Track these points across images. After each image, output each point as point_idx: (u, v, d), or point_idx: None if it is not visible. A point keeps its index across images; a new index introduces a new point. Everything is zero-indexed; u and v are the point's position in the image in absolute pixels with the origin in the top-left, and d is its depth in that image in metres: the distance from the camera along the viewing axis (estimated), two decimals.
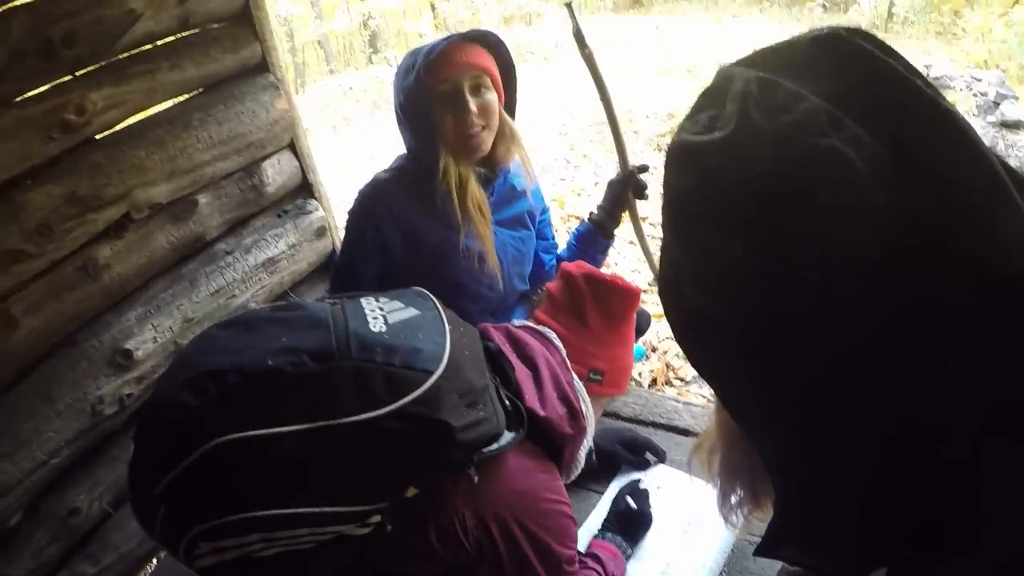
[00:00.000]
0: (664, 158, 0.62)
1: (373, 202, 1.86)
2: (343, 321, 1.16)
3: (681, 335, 0.66)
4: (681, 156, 0.59)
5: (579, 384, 1.48)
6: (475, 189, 1.86)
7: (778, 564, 1.66)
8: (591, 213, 2.14)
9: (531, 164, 2.03)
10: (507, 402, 1.32)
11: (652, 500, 1.85)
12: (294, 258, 2.29)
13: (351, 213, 1.90)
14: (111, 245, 1.79)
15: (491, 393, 1.27)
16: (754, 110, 0.53)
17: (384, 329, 1.17)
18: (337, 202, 2.56)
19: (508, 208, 2.04)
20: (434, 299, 1.31)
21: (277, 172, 2.25)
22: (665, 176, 0.62)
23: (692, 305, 0.62)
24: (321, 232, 2.39)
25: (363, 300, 1.25)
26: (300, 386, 1.08)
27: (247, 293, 2.14)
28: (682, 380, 2.90)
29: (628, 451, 2.03)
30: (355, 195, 1.91)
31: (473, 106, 1.76)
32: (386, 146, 6.42)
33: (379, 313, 1.21)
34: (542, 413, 1.36)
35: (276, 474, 1.07)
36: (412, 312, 1.24)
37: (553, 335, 1.52)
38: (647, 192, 2.09)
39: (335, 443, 1.07)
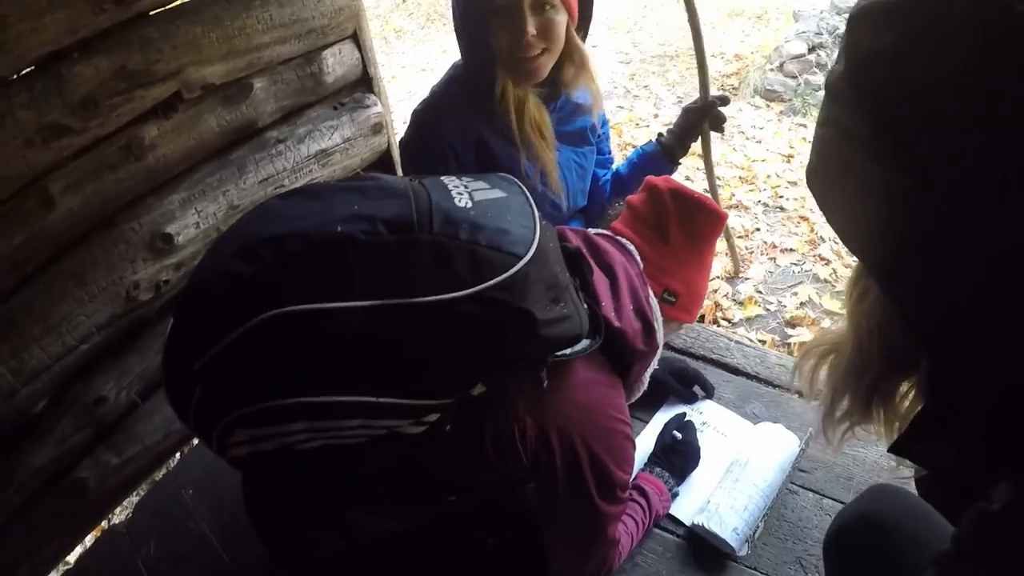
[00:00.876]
0: (847, 25, 0.63)
1: (437, 116, 1.74)
2: (425, 194, 1.05)
3: (844, 211, 0.66)
4: (877, 14, 0.59)
5: (654, 301, 1.40)
6: (534, 112, 1.73)
7: (814, 522, 1.64)
8: (660, 135, 2.03)
9: (600, 94, 1.88)
10: (585, 306, 1.21)
11: (698, 435, 1.82)
12: (348, 152, 2.19)
13: (413, 136, 1.78)
14: (158, 125, 1.70)
15: (572, 292, 1.16)
16: None
17: (470, 205, 1.06)
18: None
19: (570, 123, 1.92)
20: (520, 183, 1.20)
21: (337, 62, 2.13)
22: (849, 42, 0.62)
23: (865, 174, 0.61)
24: (378, 128, 2.28)
25: (444, 178, 1.14)
26: (373, 257, 0.97)
27: (297, 183, 2.05)
28: (728, 321, 2.84)
29: (678, 382, 2.00)
30: (410, 117, 1.79)
31: (531, 27, 1.56)
32: (439, 59, 6.27)
33: (464, 190, 1.10)
34: (617, 324, 1.28)
35: (335, 356, 0.96)
36: (499, 193, 1.13)
37: (632, 247, 1.43)
38: (724, 125, 1.97)
39: (406, 325, 0.96)
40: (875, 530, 1.14)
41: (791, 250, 3.24)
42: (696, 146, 2.07)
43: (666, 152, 1.99)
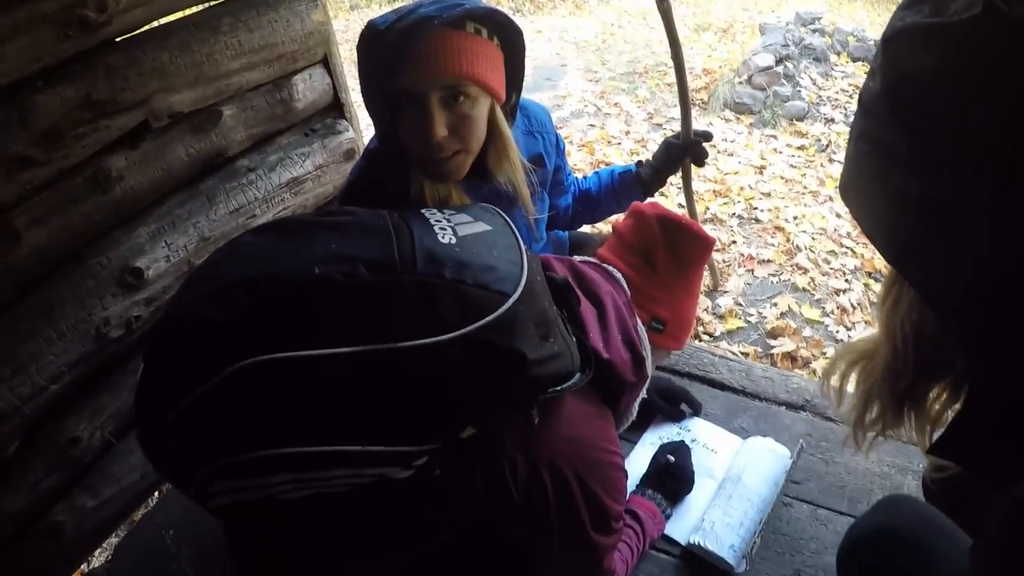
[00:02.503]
0: (883, 46, 0.64)
1: (357, 203, 1.56)
2: (406, 231, 1.00)
3: (880, 221, 0.67)
4: (916, 37, 0.60)
5: (643, 330, 1.36)
6: (459, 200, 1.56)
7: (810, 532, 1.70)
8: (639, 163, 1.98)
9: (526, 191, 1.62)
10: (573, 339, 1.17)
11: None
12: (320, 180, 2.16)
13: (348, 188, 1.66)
14: (125, 155, 1.65)
15: (560, 326, 1.12)
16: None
17: (454, 242, 1.00)
18: None
19: (503, 206, 1.73)
20: (503, 215, 1.14)
21: (308, 88, 2.10)
22: (886, 61, 0.63)
23: (903, 187, 0.62)
24: (350, 154, 2.24)
25: (425, 211, 1.08)
26: (354, 301, 0.91)
27: (268, 213, 2.01)
28: (710, 335, 2.83)
29: (664, 400, 1.97)
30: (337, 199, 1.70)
31: (441, 127, 1.35)
32: None
33: (446, 224, 1.04)
34: (606, 355, 1.23)
35: (318, 405, 0.90)
36: (483, 226, 1.07)
37: (619, 274, 1.39)
38: (706, 160, 1.94)
39: (391, 371, 0.91)
40: (891, 543, 1.13)
41: (768, 261, 3.25)
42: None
43: (641, 184, 1.94)
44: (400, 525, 1.18)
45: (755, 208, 3.71)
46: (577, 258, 1.42)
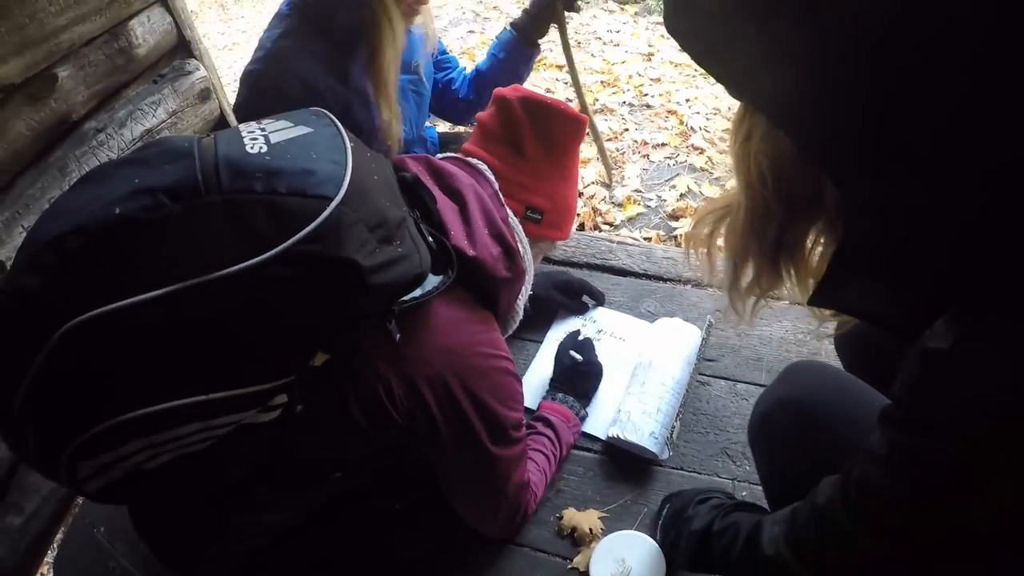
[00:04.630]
0: None
1: (279, 71, 1.58)
2: (211, 148, 0.90)
3: (713, 41, 0.61)
4: None
5: (515, 222, 1.30)
6: (399, 49, 1.61)
7: (732, 409, 1.68)
8: (513, 19, 1.94)
9: (433, 27, 1.77)
10: (430, 239, 1.10)
11: (596, 346, 1.76)
12: (176, 127, 2.04)
13: (248, 96, 1.62)
14: None
15: (410, 227, 1.04)
16: None
17: (265, 150, 0.91)
18: (225, 83, 2.30)
19: (407, 54, 1.79)
20: (332, 117, 1.05)
21: (147, 31, 1.96)
22: None
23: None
24: (205, 95, 2.13)
25: (242, 126, 0.99)
26: (159, 236, 0.83)
27: None
28: (610, 225, 2.80)
29: (564, 295, 1.93)
30: (243, 77, 1.63)
31: None
32: None
33: (259, 134, 0.94)
34: (471, 252, 1.17)
35: (142, 359, 0.83)
36: (304, 129, 0.98)
37: (484, 166, 1.32)
38: (579, 4, 1.89)
39: (213, 306, 0.83)
40: (799, 413, 1.09)
41: (663, 145, 3.25)
42: (557, 55, 2.01)
43: (522, 35, 1.90)
44: (286, 472, 1.13)
45: (646, 95, 3.68)
46: (439, 156, 1.35)
